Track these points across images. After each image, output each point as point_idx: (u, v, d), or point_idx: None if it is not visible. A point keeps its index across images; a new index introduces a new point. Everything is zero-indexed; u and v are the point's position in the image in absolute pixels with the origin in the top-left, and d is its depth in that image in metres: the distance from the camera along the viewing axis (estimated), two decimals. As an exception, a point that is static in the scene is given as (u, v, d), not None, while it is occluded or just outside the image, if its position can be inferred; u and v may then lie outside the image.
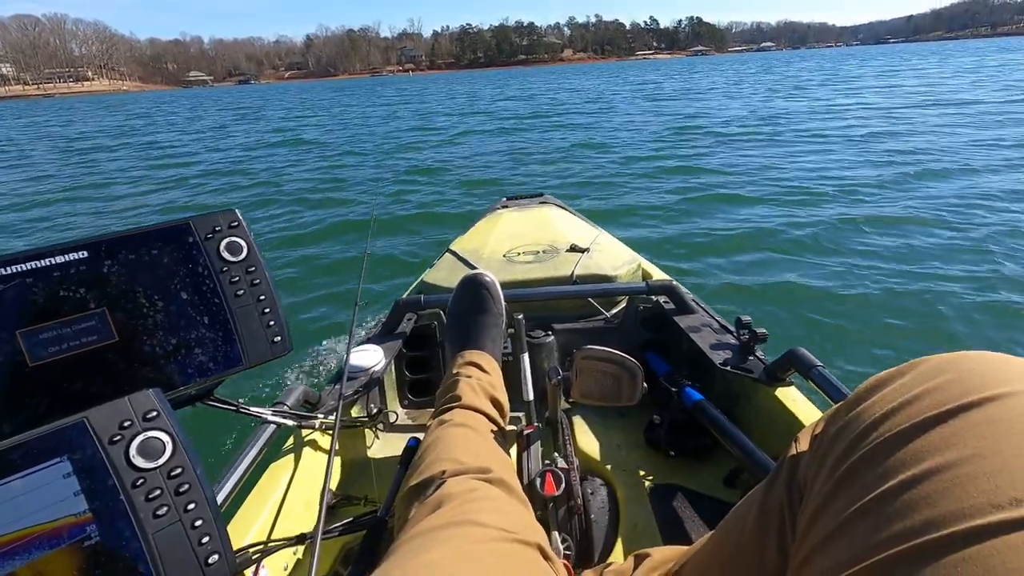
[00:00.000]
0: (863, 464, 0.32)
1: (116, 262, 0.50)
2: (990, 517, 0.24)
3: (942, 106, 10.81)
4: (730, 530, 0.49)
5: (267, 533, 0.80)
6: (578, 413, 1.21)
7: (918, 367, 0.34)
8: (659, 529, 0.91)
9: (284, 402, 0.93)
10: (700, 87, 22.40)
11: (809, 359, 0.93)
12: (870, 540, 0.28)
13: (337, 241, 4.58)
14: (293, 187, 7.03)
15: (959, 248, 3.44)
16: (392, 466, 0.92)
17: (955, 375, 0.31)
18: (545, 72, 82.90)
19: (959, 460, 0.27)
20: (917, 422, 0.30)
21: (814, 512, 0.34)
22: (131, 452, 0.44)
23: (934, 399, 0.31)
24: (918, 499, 0.27)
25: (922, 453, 0.29)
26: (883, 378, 0.36)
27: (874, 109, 11.11)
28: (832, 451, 0.35)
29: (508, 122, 13.39)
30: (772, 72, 32.23)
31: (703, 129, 9.76)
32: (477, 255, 1.59)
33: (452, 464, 0.65)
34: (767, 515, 0.42)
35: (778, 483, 0.43)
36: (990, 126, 8.00)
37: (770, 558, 0.41)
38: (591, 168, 7.02)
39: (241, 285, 0.57)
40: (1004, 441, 0.27)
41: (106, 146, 13.54)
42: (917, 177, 5.28)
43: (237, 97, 46.30)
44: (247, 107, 28.75)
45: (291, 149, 10.99)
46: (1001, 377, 0.30)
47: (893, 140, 7.40)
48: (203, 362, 0.54)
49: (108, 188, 7.83)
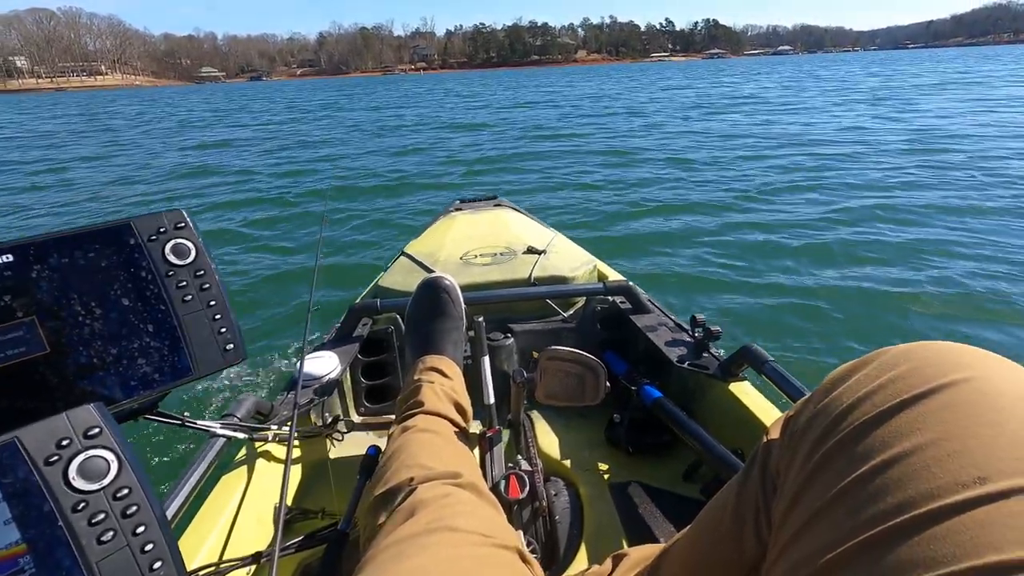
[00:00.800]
0: (834, 453, 0.33)
1: (46, 266, 0.47)
2: (956, 496, 0.26)
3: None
4: (707, 523, 0.49)
5: (219, 553, 0.76)
6: (539, 414, 1.22)
7: (880, 357, 0.36)
8: (622, 526, 0.91)
9: (234, 414, 0.88)
10: (750, 93, 19.63)
11: (762, 354, 0.95)
12: (844, 526, 0.29)
13: (290, 243, 4.47)
14: (252, 187, 6.87)
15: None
16: (351, 476, 0.90)
17: (915, 364, 0.33)
18: (559, 73, 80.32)
19: (925, 444, 0.29)
20: (883, 410, 0.32)
21: (790, 502, 0.35)
22: (70, 473, 0.40)
23: (897, 388, 0.32)
24: (889, 483, 0.29)
25: (889, 439, 0.30)
26: (847, 369, 0.37)
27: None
28: (803, 441, 0.36)
29: (534, 144, 9.57)
30: (823, 76, 29.26)
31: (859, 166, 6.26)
32: (433, 258, 1.56)
33: (420, 470, 0.64)
34: (743, 506, 0.43)
35: (752, 474, 0.43)
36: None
37: (748, 548, 0.41)
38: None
39: (189, 290, 0.53)
40: (963, 423, 0.29)
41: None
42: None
43: (222, 97, 44.14)
44: (226, 108, 26.72)
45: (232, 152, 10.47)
46: (957, 364, 0.32)
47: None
48: (147, 373, 0.51)
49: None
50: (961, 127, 8.69)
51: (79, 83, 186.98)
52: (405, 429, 0.78)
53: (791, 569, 0.32)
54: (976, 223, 3.99)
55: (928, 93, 15.58)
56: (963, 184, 5.16)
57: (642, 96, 20.77)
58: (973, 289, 2.93)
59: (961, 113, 10.43)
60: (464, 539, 0.51)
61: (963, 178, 5.39)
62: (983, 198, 4.61)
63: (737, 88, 23.02)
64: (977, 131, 8.19)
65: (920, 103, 12.86)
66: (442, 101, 24.23)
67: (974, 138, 7.62)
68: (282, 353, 2.55)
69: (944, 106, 11.86)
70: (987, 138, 7.54)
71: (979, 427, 0.28)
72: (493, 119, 14.48)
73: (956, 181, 5.30)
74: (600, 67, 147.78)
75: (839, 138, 8.35)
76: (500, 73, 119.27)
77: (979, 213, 4.22)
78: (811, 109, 12.95)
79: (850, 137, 8.37)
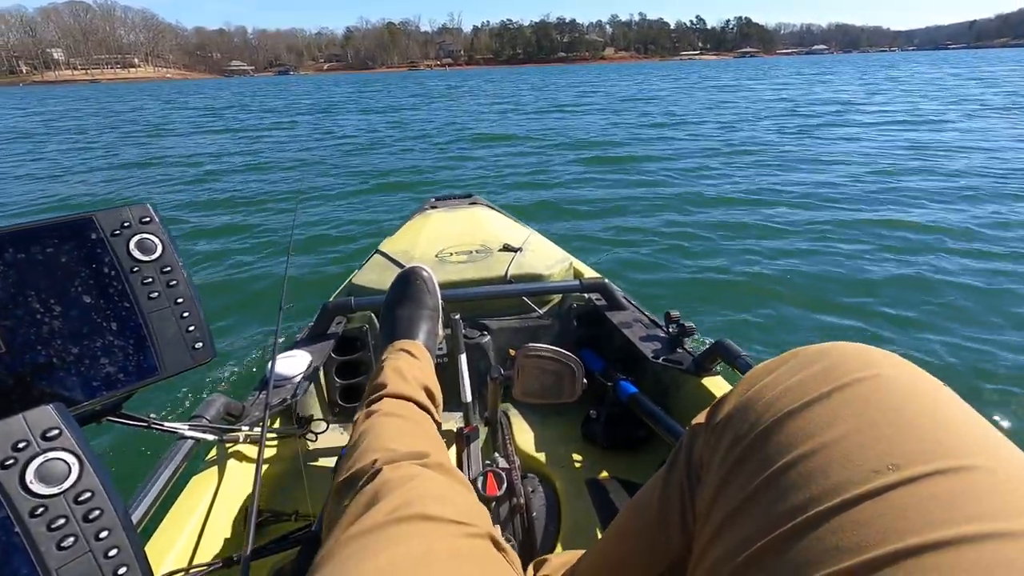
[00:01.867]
0: (752, 449, 0.34)
1: (1, 262, 0.45)
2: (873, 483, 0.27)
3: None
4: (631, 516, 0.49)
5: (189, 557, 0.75)
6: (516, 411, 1.22)
7: (797, 356, 0.38)
8: (599, 522, 0.91)
9: (203, 415, 0.87)
10: (831, 97, 15.98)
11: (735, 349, 0.96)
12: (764, 519, 0.30)
13: (260, 240, 4.28)
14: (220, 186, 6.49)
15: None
16: (324, 478, 0.91)
17: (829, 362, 0.35)
18: (588, 71, 73.72)
19: (837, 437, 0.30)
20: (796, 407, 0.33)
21: (711, 496, 0.36)
22: (27, 477, 0.38)
23: (810, 385, 0.34)
24: (807, 474, 0.30)
25: (804, 434, 0.32)
26: (766, 367, 0.39)
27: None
28: (725, 436, 0.37)
29: (591, 174, 6.39)
30: (900, 78, 24.92)
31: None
32: (408, 256, 1.54)
33: (384, 452, 0.60)
34: (669, 498, 0.43)
35: (677, 466, 0.44)
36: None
37: (674, 536, 0.42)
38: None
39: (155, 287, 0.52)
40: (873, 416, 0.30)
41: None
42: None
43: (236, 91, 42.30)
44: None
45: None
46: (866, 363, 0.34)
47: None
48: (111, 373, 0.49)
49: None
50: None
51: (112, 75, 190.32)
52: (370, 414, 0.75)
53: (713, 566, 0.33)
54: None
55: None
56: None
57: (699, 99, 17.35)
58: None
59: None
60: (436, 530, 0.48)
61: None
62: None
63: (809, 90, 19.34)
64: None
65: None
66: (464, 100, 21.72)
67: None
68: (253, 352, 2.46)
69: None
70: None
71: (887, 418, 0.30)
72: (527, 127, 11.33)
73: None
74: (629, 65, 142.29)
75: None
76: (527, 70, 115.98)
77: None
78: (976, 129, 8.65)
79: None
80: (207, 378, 2.25)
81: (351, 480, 0.58)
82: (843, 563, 0.26)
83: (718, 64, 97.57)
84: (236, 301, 3.12)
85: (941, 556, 0.24)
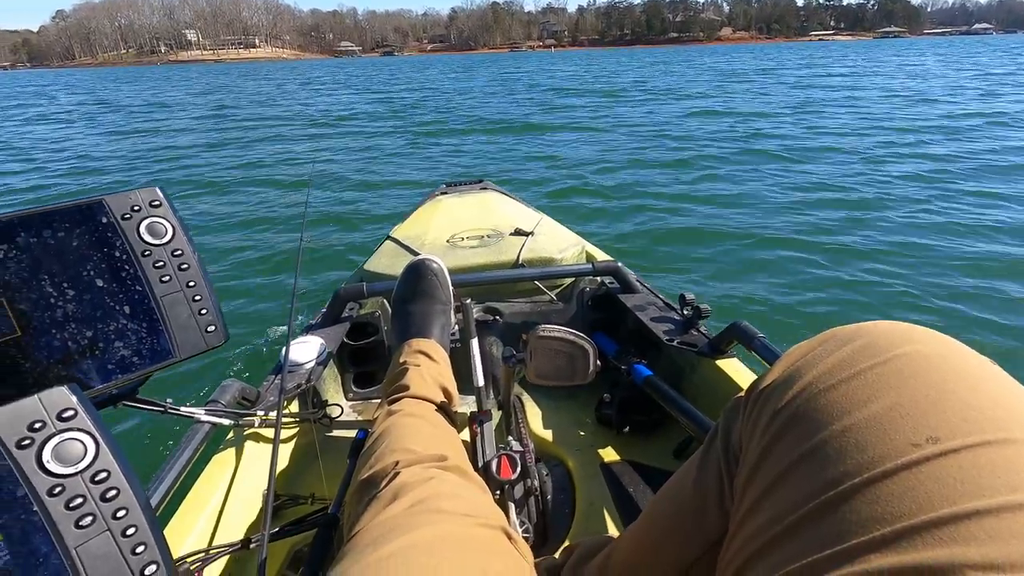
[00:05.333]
0: (792, 421, 0.34)
1: (14, 246, 0.46)
2: (911, 455, 0.27)
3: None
4: (667, 502, 0.49)
5: (207, 539, 0.76)
6: (529, 395, 1.21)
7: (836, 335, 0.37)
8: (614, 505, 0.91)
9: (219, 400, 0.87)
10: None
11: (751, 331, 0.94)
12: (802, 490, 0.30)
13: (273, 226, 4.27)
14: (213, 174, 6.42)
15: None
16: (340, 461, 0.89)
17: (869, 339, 0.35)
18: (708, 52, 66.24)
19: (878, 409, 0.30)
20: (839, 380, 0.33)
21: (750, 471, 0.36)
22: (44, 456, 0.39)
23: (852, 359, 0.34)
24: (846, 446, 0.30)
25: (845, 406, 0.32)
26: (806, 346, 0.39)
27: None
28: (763, 413, 0.37)
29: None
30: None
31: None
32: (419, 241, 1.53)
33: (405, 454, 0.63)
34: (707, 479, 0.43)
35: (714, 448, 0.44)
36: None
37: (712, 519, 0.42)
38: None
39: (167, 270, 0.52)
40: (913, 389, 0.30)
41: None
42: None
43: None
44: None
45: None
46: (906, 338, 0.34)
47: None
48: (125, 356, 0.50)
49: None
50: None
51: (235, 55, 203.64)
52: (391, 413, 0.77)
53: (750, 537, 0.33)
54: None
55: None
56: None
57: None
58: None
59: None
60: (448, 519, 0.50)
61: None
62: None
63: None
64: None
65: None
66: (574, 80, 19.68)
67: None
68: (267, 338, 2.46)
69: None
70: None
71: (927, 392, 0.30)
72: (677, 150, 6.89)
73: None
74: (751, 46, 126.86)
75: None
76: (638, 52, 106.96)
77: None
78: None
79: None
80: (221, 363, 2.25)
81: (373, 479, 0.60)
82: (876, 532, 0.26)
83: (868, 44, 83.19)
84: (249, 286, 3.07)
85: (979, 524, 0.24)
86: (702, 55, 55.59)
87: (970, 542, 0.23)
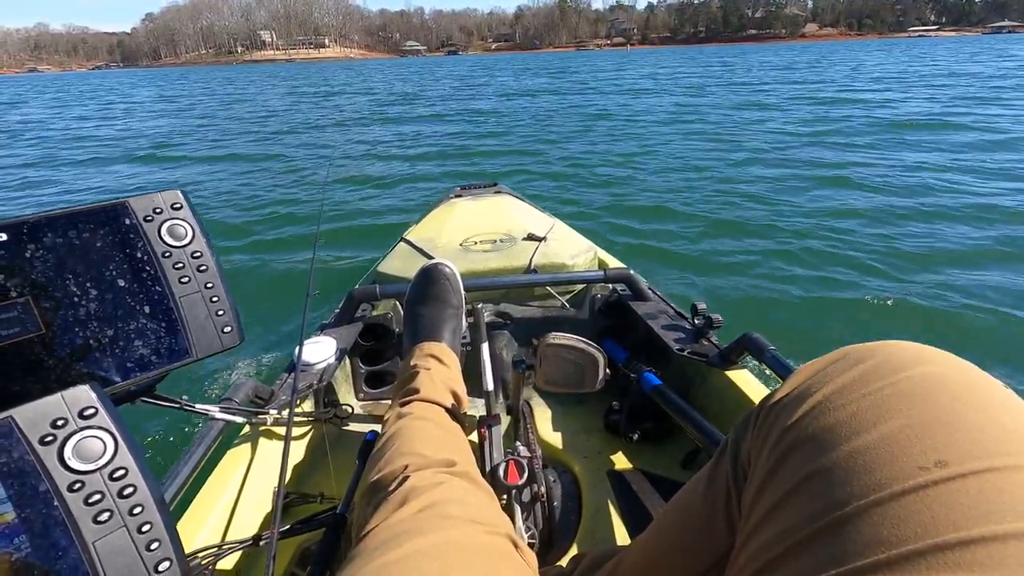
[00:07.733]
0: (801, 439, 0.34)
1: (41, 246, 0.47)
2: (918, 479, 0.27)
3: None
4: (675, 513, 0.49)
5: (219, 535, 0.77)
6: (538, 401, 1.21)
7: (849, 353, 0.37)
8: (620, 514, 0.91)
9: (233, 398, 0.88)
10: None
11: (762, 342, 0.94)
12: (808, 510, 0.30)
13: (288, 225, 4.32)
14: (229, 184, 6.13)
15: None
16: (350, 461, 0.91)
17: (881, 358, 0.35)
18: (797, 51, 54.22)
19: (887, 431, 0.30)
20: (850, 399, 0.33)
21: (758, 488, 0.36)
22: (66, 453, 0.40)
23: (862, 380, 0.34)
24: (854, 467, 0.30)
25: (856, 426, 0.32)
26: (818, 364, 0.39)
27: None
28: (773, 430, 0.37)
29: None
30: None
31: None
32: (433, 244, 1.54)
33: (415, 458, 0.63)
34: (715, 493, 0.43)
35: (723, 461, 0.44)
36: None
37: (719, 534, 0.42)
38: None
39: (186, 272, 0.53)
40: (924, 411, 0.30)
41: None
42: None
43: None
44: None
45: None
46: (918, 359, 0.34)
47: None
48: (144, 355, 0.51)
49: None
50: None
51: (305, 55, 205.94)
52: (401, 416, 0.77)
53: (756, 553, 0.33)
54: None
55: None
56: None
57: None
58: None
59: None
60: (456, 525, 0.51)
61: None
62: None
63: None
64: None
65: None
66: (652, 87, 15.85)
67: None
68: (280, 338, 2.49)
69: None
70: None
71: (937, 415, 0.30)
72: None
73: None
74: (839, 43, 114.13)
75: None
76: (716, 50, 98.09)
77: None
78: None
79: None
80: (237, 362, 2.29)
81: (382, 482, 0.60)
82: (881, 555, 0.26)
83: (965, 42, 70.63)
84: (263, 287, 3.13)
85: (985, 550, 0.24)
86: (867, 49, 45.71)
87: (975, 569, 0.23)
